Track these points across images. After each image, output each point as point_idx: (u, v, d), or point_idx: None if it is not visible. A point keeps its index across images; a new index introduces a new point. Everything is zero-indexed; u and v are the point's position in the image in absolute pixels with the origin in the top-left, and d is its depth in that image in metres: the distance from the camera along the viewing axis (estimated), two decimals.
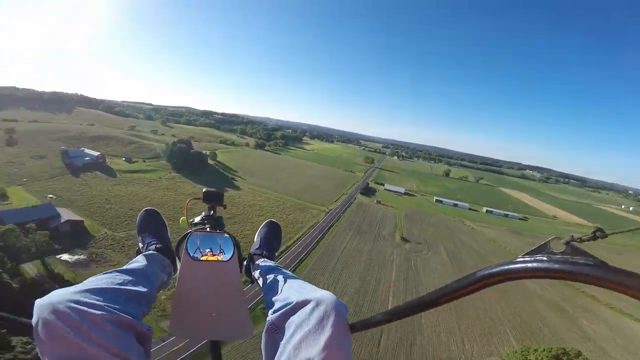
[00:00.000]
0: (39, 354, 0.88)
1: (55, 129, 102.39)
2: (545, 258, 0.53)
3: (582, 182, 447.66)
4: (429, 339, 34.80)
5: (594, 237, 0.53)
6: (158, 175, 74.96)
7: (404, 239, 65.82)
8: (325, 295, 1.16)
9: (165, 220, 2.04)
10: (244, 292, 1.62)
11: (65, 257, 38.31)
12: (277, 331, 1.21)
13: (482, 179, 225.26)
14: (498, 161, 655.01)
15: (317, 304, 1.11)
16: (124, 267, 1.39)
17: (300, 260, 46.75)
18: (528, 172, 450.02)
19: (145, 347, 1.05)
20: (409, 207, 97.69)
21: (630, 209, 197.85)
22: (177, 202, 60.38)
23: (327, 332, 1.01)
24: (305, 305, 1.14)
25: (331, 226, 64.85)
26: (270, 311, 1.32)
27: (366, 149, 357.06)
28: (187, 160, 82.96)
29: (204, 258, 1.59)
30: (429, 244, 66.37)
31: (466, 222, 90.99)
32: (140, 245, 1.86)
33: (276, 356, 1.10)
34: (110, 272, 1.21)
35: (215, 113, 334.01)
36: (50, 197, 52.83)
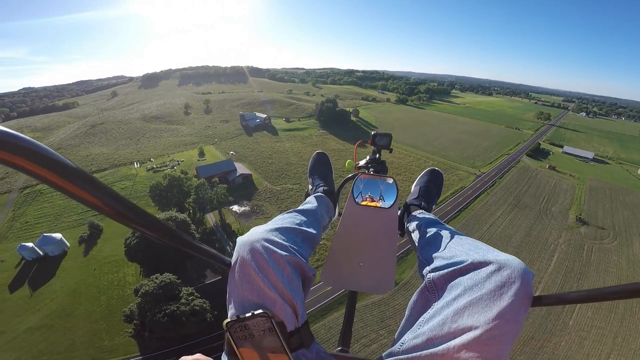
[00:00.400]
0: (228, 296, 1.00)
1: (236, 97, 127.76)
2: None
3: None
4: (567, 344, 27.13)
5: None
6: (309, 132, 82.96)
7: (580, 220, 48.06)
8: (510, 259, 0.96)
9: (331, 163, 2.10)
10: (396, 244, 1.54)
11: (235, 208, 45.19)
12: (434, 291, 1.06)
13: None
14: None
15: (499, 268, 0.93)
16: (300, 207, 1.51)
17: None
18: None
19: (305, 291, 1.11)
20: (598, 178, 70.19)
21: None
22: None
23: (505, 300, 0.86)
24: (482, 268, 0.96)
25: (481, 193, 53.77)
26: (429, 268, 1.16)
27: (539, 102, 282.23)
28: (333, 118, 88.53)
29: (364, 203, 1.54)
30: (617, 231, 46.61)
31: None
32: (310, 186, 1.97)
33: (425, 317, 0.98)
34: (291, 212, 1.36)
35: (357, 71, 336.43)
36: (231, 154, 66.42)
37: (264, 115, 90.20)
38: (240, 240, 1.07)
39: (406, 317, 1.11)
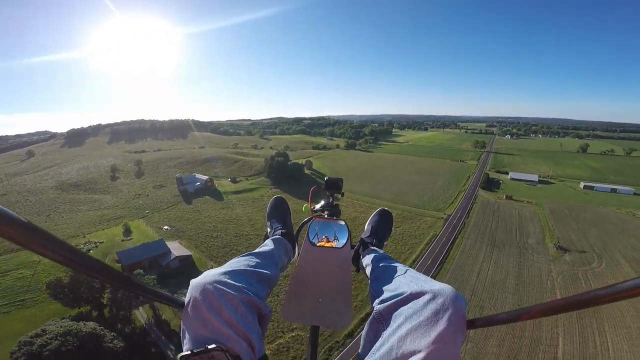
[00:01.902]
0: (182, 332, 1.05)
1: (173, 156, 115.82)
2: None
3: None
4: None
5: None
6: (260, 193, 74.00)
7: (560, 248, 47.57)
8: (444, 288, 1.08)
9: (290, 207, 2.22)
10: (351, 280, 1.66)
11: None
12: (382, 321, 1.17)
13: (635, 150, 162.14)
14: None
15: (434, 297, 1.04)
16: (257, 250, 1.59)
17: None
18: None
19: (262, 328, 1.17)
20: (551, 200, 73.35)
21: None
22: None
23: (440, 325, 0.94)
24: (420, 297, 1.08)
25: (456, 238, 50.95)
26: (377, 300, 1.28)
27: (468, 131, 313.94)
28: (285, 174, 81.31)
29: (320, 244, 1.70)
30: (598, 252, 46.86)
31: (638, 214, 63.27)
32: (268, 229, 2.04)
33: (376, 346, 1.07)
34: (246, 255, 1.42)
35: (304, 118, 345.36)
36: (165, 229, 54.90)
37: (205, 177, 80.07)
38: (193, 282, 1.11)
39: (361, 347, 1.22)
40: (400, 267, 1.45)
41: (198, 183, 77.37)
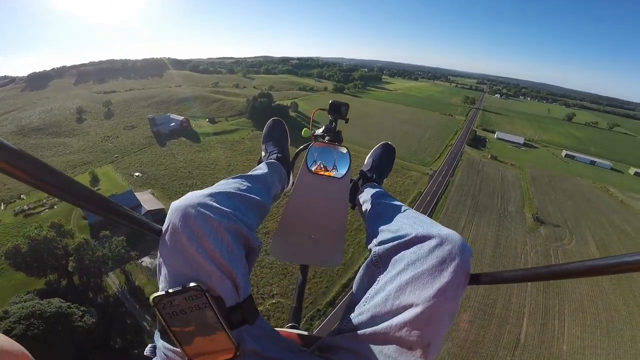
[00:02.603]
0: (158, 268, 0.89)
1: (147, 95, 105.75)
2: None
3: None
4: None
5: None
6: (240, 135, 69.54)
7: (538, 220, 47.30)
8: (451, 234, 0.94)
9: (288, 132, 2.08)
10: (347, 215, 1.53)
11: (146, 261, 32.70)
12: (379, 265, 1.04)
13: (617, 125, 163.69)
14: (629, 103, 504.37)
15: (441, 243, 0.91)
16: (249, 173, 1.39)
17: None
18: None
19: (249, 264, 1.00)
20: (534, 164, 73.83)
21: None
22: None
23: (445, 277, 0.84)
24: (425, 242, 0.94)
25: (439, 198, 50.08)
26: (376, 241, 1.13)
27: (458, 85, 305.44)
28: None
29: (319, 172, 1.54)
30: (570, 228, 46.82)
31: (612, 191, 64.36)
32: (263, 153, 1.90)
33: (371, 293, 0.98)
34: (237, 177, 1.21)
35: (292, 58, 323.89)
36: (136, 175, 50.85)
37: (181, 118, 73.67)
38: (173, 205, 0.91)
39: (354, 291, 1.09)
40: (403, 207, 1.29)
41: (173, 124, 71.47)
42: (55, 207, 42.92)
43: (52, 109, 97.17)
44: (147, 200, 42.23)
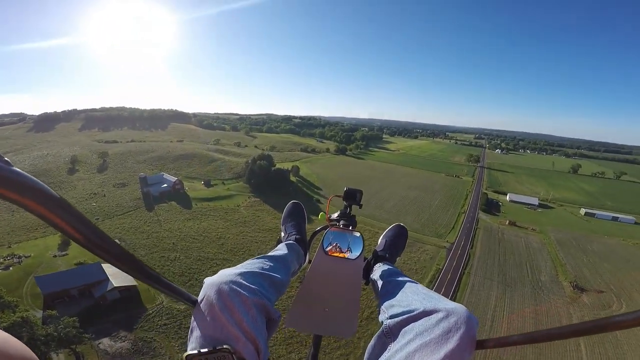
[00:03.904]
0: (190, 332, 1.01)
1: (146, 149, 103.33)
2: None
3: None
4: None
5: None
6: (236, 203, 63.69)
7: (577, 287, 42.82)
8: (457, 307, 1.07)
9: (306, 214, 2.21)
10: (360, 292, 1.64)
11: (105, 343, 28.84)
12: (390, 336, 1.16)
13: (625, 173, 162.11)
14: (623, 147, 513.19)
15: (447, 315, 1.03)
16: (270, 253, 1.57)
17: None
18: None
19: (269, 332, 1.16)
20: (555, 227, 68.04)
21: None
22: (253, 244, 47.42)
23: (451, 344, 0.94)
24: (432, 315, 1.07)
25: (462, 274, 44.02)
26: (387, 315, 1.26)
27: (458, 142, 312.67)
28: (267, 180, 70.48)
29: (334, 253, 1.67)
30: (616, 292, 42.71)
31: None
32: (282, 234, 2.03)
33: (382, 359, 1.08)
34: (260, 258, 1.41)
35: (294, 117, 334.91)
36: None
37: (174, 179, 69.18)
38: (208, 280, 1.09)
39: None
40: (413, 284, 1.44)
41: (165, 185, 66.58)
42: (10, 268, 38.12)
43: (48, 155, 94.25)
44: (117, 275, 35.56)
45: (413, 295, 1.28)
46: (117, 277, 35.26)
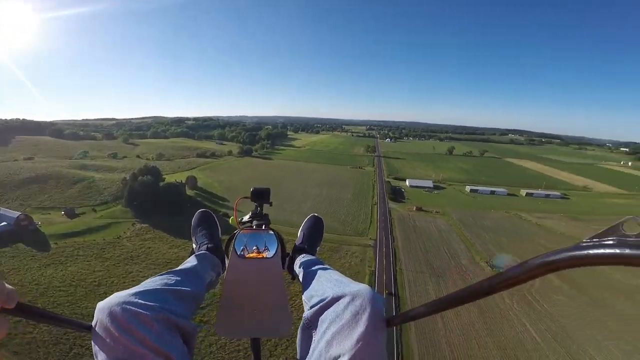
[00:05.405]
0: (95, 356, 0.98)
1: None
2: (614, 241, 0.45)
3: (563, 140, 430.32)
4: None
5: None
6: (115, 234, 49.48)
7: (493, 267, 45.72)
8: (361, 288, 1.13)
9: (217, 220, 2.17)
10: (284, 288, 1.66)
11: None
12: (311, 327, 1.21)
13: (486, 151, 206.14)
14: (478, 128, 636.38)
15: (353, 298, 1.08)
16: (178, 268, 1.52)
17: None
18: (511, 136, 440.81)
19: (189, 345, 1.13)
20: (452, 207, 76.07)
21: (629, 164, 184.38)
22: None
23: (361, 326, 0.99)
24: (340, 300, 1.12)
25: (396, 273, 43.33)
26: (307, 306, 1.32)
27: (354, 134, 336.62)
28: (155, 200, 56.58)
29: (250, 255, 1.68)
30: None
31: (523, 216, 71.21)
32: (194, 245, 1.97)
33: (309, 353, 1.13)
34: (165, 274, 1.34)
35: (187, 119, 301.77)
36: None
37: (16, 214, 49.96)
38: (99, 305, 1.03)
39: (298, 354, 1.29)
40: (327, 271, 1.51)
41: (3, 223, 47.63)
42: None
43: None
44: None
45: (326, 283, 1.34)
46: None
